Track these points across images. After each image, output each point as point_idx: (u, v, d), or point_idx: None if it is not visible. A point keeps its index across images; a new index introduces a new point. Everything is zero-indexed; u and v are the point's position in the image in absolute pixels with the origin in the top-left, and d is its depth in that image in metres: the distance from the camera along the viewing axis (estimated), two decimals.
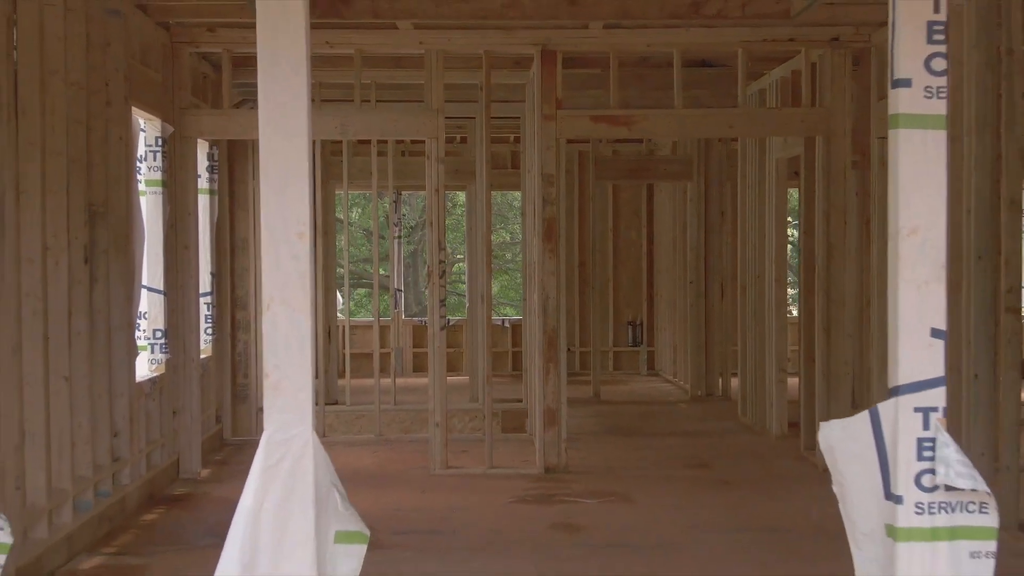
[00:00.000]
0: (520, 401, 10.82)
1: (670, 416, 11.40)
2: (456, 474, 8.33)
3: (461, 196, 19.22)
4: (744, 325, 10.84)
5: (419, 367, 14.69)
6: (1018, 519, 6.35)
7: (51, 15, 5.86)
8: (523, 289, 11.46)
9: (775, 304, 9.94)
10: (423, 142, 9.08)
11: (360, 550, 3.92)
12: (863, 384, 9.11)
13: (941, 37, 3.70)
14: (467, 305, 13.91)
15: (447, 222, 16.16)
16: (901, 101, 3.70)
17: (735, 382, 11.62)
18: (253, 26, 8.29)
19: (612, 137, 12.13)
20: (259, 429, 9.97)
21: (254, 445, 10.22)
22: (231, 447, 9.57)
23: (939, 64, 3.67)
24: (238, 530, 3.65)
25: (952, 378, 6.94)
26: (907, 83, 3.69)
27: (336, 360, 12.42)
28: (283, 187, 3.67)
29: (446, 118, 8.92)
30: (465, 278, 16.62)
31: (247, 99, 10.47)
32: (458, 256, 24.42)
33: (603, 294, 14.93)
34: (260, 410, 10.39)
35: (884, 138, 8.25)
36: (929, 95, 3.68)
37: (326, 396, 10.64)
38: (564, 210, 13.62)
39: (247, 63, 9.08)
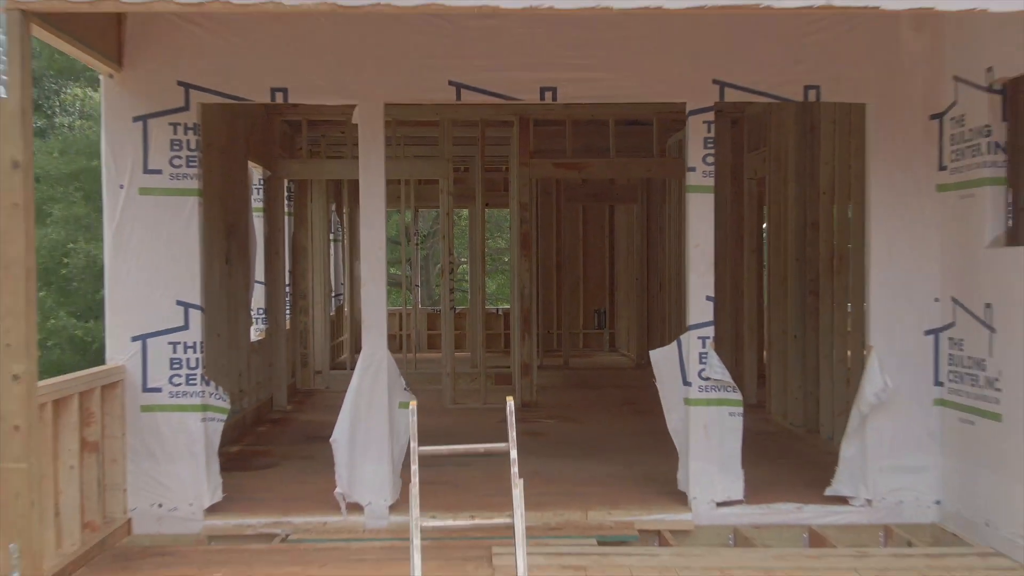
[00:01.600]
0: (508, 368, 13.52)
1: (617, 377, 14.14)
2: (460, 408, 11.06)
3: (465, 212, 21.78)
4: (669, 311, 13.56)
5: (432, 345, 17.10)
6: (817, 426, 9.04)
7: (214, 109, 8.62)
8: (511, 285, 14.16)
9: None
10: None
11: (413, 411, 6.67)
12: (736, 344, 11.74)
13: (711, 144, 6.41)
14: (469, 298, 16.52)
15: (454, 231, 18.78)
16: (691, 178, 6.43)
17: None
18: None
19: (568, 178, 14.44)
20: (316, 384, 12.78)
21: (317, 393, 13.08)
22: (302, 393, 12.30)
23: (710, 159, 6.39)
24: (349, 398, 6.39)
25: (780, 337, 9.72)
26: (694, 169, 6.43)
27: None
28: (372, 225, 6.42)
29: (454, 156, 11.66)
30: (468, 277, 19.20)
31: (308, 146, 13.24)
32: (462, 260, 26.90)
33: (574, 289, 17.51)
34: (317, 372, 13.22)
35: (753, 178, 11.01)
36: (705, 176, 6.42)
37: None
38: (544, 225, 16.31)
39: (314, 124, 11.87)
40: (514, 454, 4.86)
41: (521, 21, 6.19)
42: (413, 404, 5.10)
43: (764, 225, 11.40)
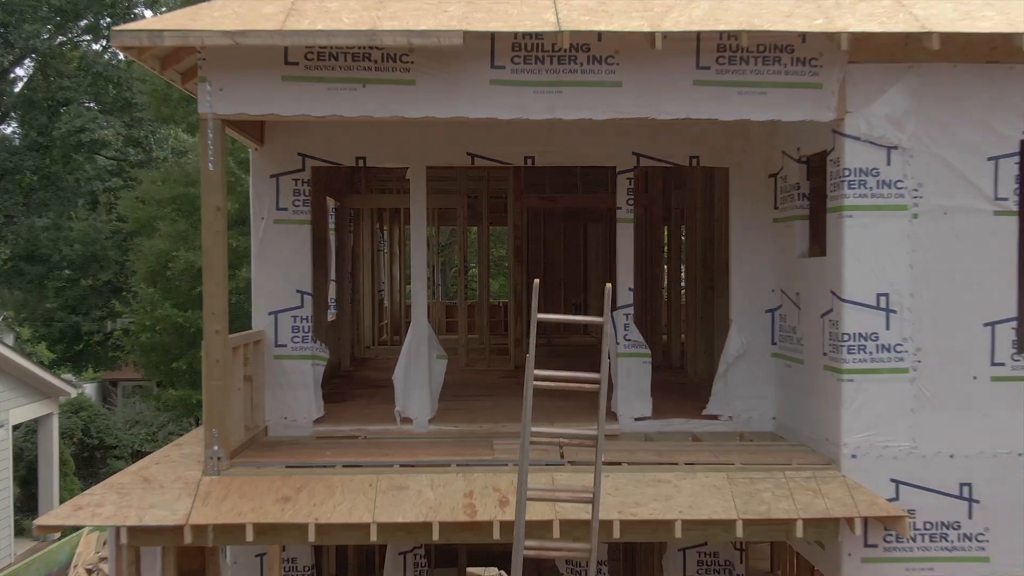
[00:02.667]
0: (506, 344, 15.69)
1: (585, 351, 16.24)
2: (472, 369, 13.20)
3: (475, 229, 23.94)
4: None
5: (449, 329, 19.15)
6: (696, 377, 11.19)
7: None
8: (509, 284, 16.35)
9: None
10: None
11: (445, 362, 8.83)
12: (668, 326, 13.88)
13: (631, 192, 8.54)
14: (477, 293, 18.68)
15: (467, 243, 20.95)
16: (619, 214, 8.58)
17: None
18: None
19: (548, 208, 16.79)
20: (367, 354, 14.98)
21: (369, 360, 15.42)
22: (358, 360, 14.41)
23: (630, 201, 8.54)
24: (404, 351, 8.50)
25: (693, 319, 11.89)
26: (620, 208, 8.58)
27: (403, 323, 17.37)
28: (418, 245, 8.61)
29: (467, 190, 13.82)
30: (477, 278, 21.35)
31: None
32: (472, 265, 29.10)
33: (556, 287, 19.49)
34: (367, 347, 15.40)
35: (678, 208, 13.18)
36: (627, 212, 8.55)
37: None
38: (533, 239, 18.42)
39: (369, 167, 14.01)
40: (608, 328, 5.87)
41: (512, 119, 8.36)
42: (538, 289, 6.26)
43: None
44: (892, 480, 7.10)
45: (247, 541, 6.68)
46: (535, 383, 6.09)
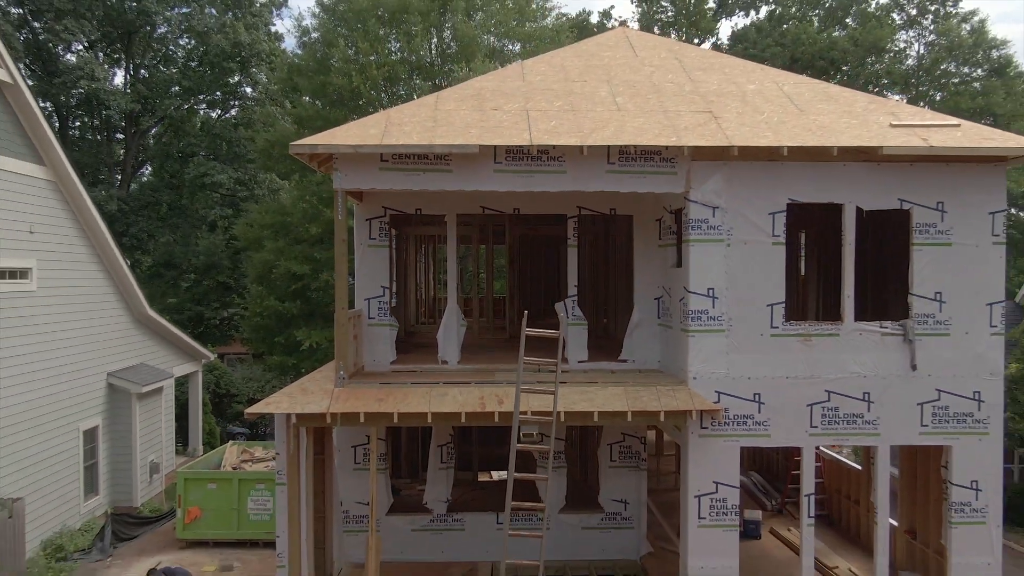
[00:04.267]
0: (504, 323, 18.52)
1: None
2: (481, 338, 15.94)
3: (483, 247, 26.72)
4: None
5: (466, 315, 22.11)
6: (620, 340, 14.04)
7: (392, 215, 13.67)
8: (506, 284, 19.17)
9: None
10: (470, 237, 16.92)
11: (465, 327, 11.63)
12: (608, 312, 16.74)
13: (576, 229, 11.44)
14: (485, 290, 21.49)
15: (479, 256, 23.70)
16: (568, 243, 11.48)
17: None
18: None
19: (533, 235, 19.65)
20: (415, 329, 17.82)
21: (416, 332, 18.30)
22: (408, 333, 17.26)
23: (575, 235, 11.39)
24: (443, 322, 11.38)
25: (619, 304, 14.77)
26: (568, 238, 11.44)
27: (435, 310, 20.21)
28: (451, 258, 11.46)
29: (479, 223, 16.66)
30: (485, 280, 24.15)
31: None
32: (482, 271, 31.92)
33: (538, 286, 22.56)
34: (412, 324, 18.20)
35: (615, 237, 16.00)
36: (572, 241, 11.42)
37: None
38: (524, 254, 21.25)
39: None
40: (563, 328, 9.46)
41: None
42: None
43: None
44: (716, 392, 9.89)
45: (360, 422, 9.51)
46: (527, 332, 8.94)
